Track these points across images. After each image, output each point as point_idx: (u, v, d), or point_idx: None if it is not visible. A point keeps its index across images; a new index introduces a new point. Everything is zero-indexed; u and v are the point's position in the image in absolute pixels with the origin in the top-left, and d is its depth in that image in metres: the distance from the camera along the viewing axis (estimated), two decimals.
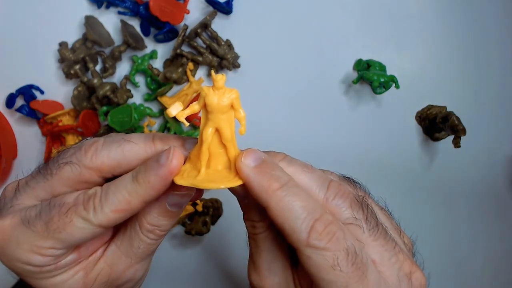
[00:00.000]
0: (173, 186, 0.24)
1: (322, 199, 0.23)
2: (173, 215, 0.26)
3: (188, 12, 0.50)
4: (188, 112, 0.23)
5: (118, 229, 0.27)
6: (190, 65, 0.50)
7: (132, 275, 0.27)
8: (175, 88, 0.51)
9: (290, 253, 0.26)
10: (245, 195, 0.25)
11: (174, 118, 0.51)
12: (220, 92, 0.23)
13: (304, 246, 0.21)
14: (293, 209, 0.22)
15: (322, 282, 0.21)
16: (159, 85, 0.50)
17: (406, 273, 0.23)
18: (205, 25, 0.49)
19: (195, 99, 0.50)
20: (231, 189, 0.24)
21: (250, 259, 0.26)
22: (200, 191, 0.27)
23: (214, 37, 0.50)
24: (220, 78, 0.22)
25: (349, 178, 0.27)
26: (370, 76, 0.47)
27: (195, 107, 0.24)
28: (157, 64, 0.51)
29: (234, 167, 0.23)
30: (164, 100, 0.50)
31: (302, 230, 0.21)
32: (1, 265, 0.26)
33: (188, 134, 0.51)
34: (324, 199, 0.23)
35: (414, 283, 0.23)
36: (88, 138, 0.27)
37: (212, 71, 0.23)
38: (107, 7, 0.50)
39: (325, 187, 0.23)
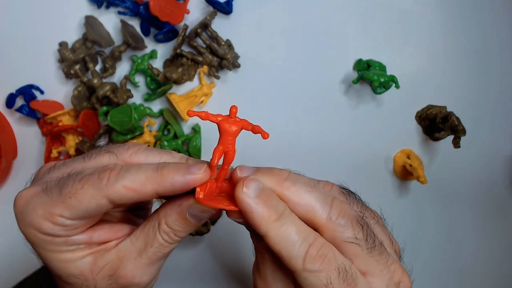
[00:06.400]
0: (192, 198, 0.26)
1: (325, 218, 0.25)
2: (190, 225, 0.27)
3: (188, 12, 0.50)
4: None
5: (137, 226, 0.28)
6: (205, 68, 0.50)
7: (139, 277, 0.27)
8: (187, 87, 0.51)
9: None
10: (242, 221, 0.26)
11: (175, 118, 0.51)
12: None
13: (301, 270, 0.24)
14: (290, 237, 0.24)
15: None
16: (159, 85, 0.50)
17: (395, 282, 0.25)
18: (205, 25, 0.49)
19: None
20: (228, 213, 0.26)
21: (256, 266, 0.28)
22: (220, 211, 0.28)
23: (214, 37, 0.50)
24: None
25: (347, 190, 0.28)
26: (370, 76, 0.47)
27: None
28: (157, 64, 0.51)
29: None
30: (173, 97, 0.50)
31: (298, 256, 0.24)
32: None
33: (188, 137, 0.51)
34: (328, 218, 0.25)
35: None
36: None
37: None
38: (107, 7, 0.50)
39: (328, 206, 0.25)
